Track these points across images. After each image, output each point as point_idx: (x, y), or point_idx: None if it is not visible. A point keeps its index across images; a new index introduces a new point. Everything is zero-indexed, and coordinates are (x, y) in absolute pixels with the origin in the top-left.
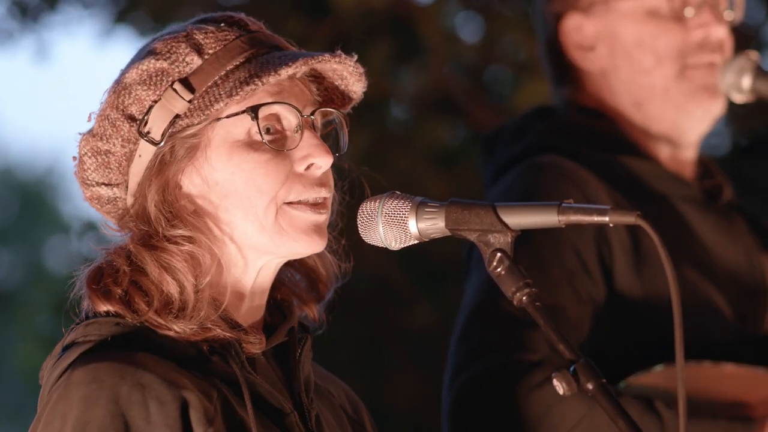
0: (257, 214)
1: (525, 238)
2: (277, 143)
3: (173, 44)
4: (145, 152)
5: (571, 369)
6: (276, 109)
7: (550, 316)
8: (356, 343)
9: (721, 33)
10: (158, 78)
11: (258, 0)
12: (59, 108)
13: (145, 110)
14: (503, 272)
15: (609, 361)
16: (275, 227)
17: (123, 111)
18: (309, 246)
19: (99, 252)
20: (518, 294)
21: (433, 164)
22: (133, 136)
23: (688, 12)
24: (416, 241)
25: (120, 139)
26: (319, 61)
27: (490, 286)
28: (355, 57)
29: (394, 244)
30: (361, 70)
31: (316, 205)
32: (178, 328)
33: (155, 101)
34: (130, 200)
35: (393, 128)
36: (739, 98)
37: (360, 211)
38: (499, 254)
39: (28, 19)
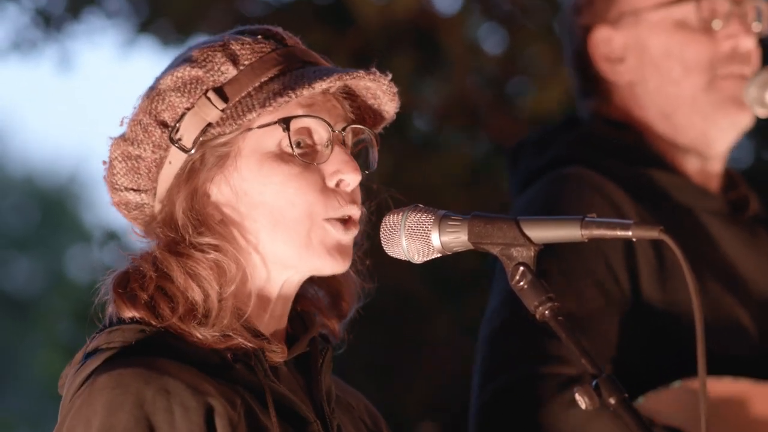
0: (287, 227)
1: (554, 246)
2: (307, 157)
3: (209, 53)
4: (176, 159)
5: (594, 384)
6: (307, 122)
7: (573, 330)
8: (375, 354)
9: (749, 44)
10: (192, 86)
11: (281, 11)
12: (81, 117)
13: (177, 117)
14: (526, 286)
15: (629, 372)
16: (305, 242)
17: (156, 117)
18: (333, 266)
19: (125, 258)
20: (541, 308)
21: (455, 176)
22: (164, 142)
23: (716, 24)
24: (439, 255)
25: (151, 145)
26: (353, 77)
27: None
28: (390, 76)
29: (417, 258)
30: (395, 89)
31: (346, 222)
32: (200, 335)
33: (188, 108)
34: (157, 207)
35: (415, 140)
36: (762, 112)
37: (383, 224)
38: (521, 268)
39: (52, 29)
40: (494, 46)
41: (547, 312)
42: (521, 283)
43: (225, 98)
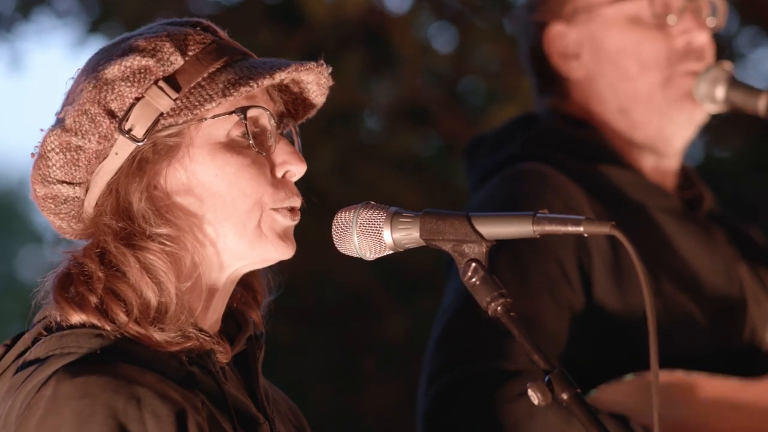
0: (239, 217)
1: (506, 245)
2: (260, 147)
3: (158, 42)
4: (123, 150)
5: (546, 379)
6: (256, 113)
7: (525, 326)
8: (329, 354)
9: (703, 39)
10: (142, 75)
11: (230, 10)
12: (32, 118)
13: (125, 107)
14: (478, 282)
15: (583, 369)
16: (256, 231)
17: (104, 107)
18: (284, 251)
19: (64, 256)
20: (493, 304)
21: (406, 174)
22: (111, 132)
23: (671, 19)
24: (391, 252)
25: (97, 135)
26: (306, 69)
27: (468, 295)
28: (330, 69)
29: (369, 255)
30: (331, 82)
31: (292, 211)
32: (159, 336)
33: (137, 99)
34: (92, 199)
35: (365, 139)
36: (712, 108)
37: (334, 221)
38: (473, 264)
39: (2, 29)
40: (444, 45)
41: (499, 308)
42: (473, 280)
43: (177, 88)
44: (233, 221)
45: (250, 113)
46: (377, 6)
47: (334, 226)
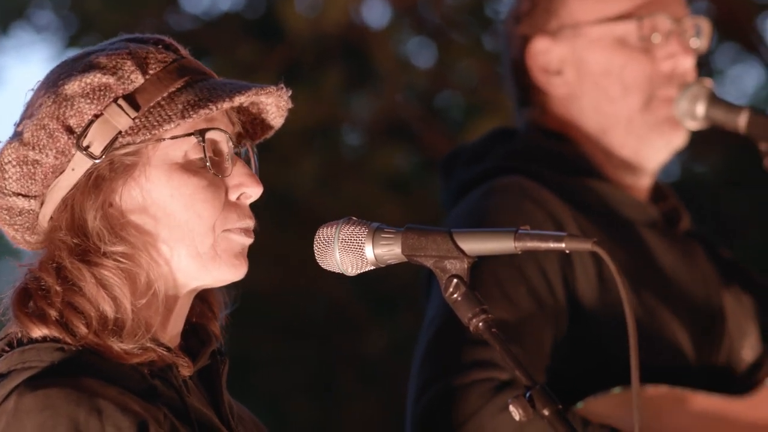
0: (193, 239)
1: (492, 257)
2: (217, 169)
3: (119, 60)
4: (80, 166)
5: (527, 395)
6: (214, 135)
7: (507, 341)
8: (309, 368)
9: (688, 64)
10: (102, 92)
11: (210, 24)
12: (10, 132)
13: (84, 124)
14: (459, 298)
15: (567, 383)
16: (210, 253)
17: (63, 122)
18: (238, 272)
19: (21, 270)
20: (474, 320)
21: (386, 190)
22: (68, 148)
23: (656, 38)
24: (372, 267)
25: (54, 151)
26: (266, 93)
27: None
28: (290, 92)
29: (351, 270)
30: (290, 105)
31: (246, 231)
32: (118, 348)
33: (96, 116)
34: (47, 214)
35: (345, 154)
36: (692, 125)
37: (316, 237)
38: (455, 281)
39: None
40: (424, 60)
41: (480, 324)
42: (455, 296)
43: (136, 107)
44: (187, 242)
45: (209, 135)
46: (357, 21)
47: (315, 242)
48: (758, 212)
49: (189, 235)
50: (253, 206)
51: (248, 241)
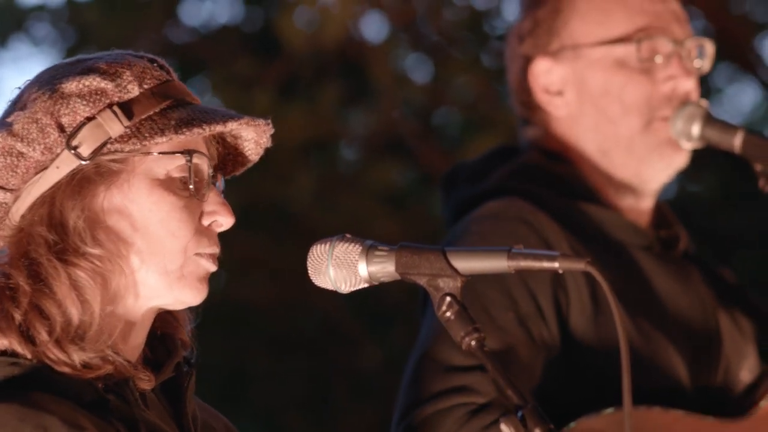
0: (164, 256)
1: (481, 278)
2: (197, 192)
3: (118, 68)
4: (66, 165)
5: (519, 414)
6: (199, 159)
7: (499, 361)
8: (304, 383)
9: (688, 86)
10: (98, 96)
11: (208, 38)
12: None
13: (75, 124)
14: (452, 317)
15: (561, 406)
16: (177, 273)
17: (56, 119)
18: (199, 296)
19: None
20: (467, 339)
21: (383, 205)
22: (56, 145)
23: (657, 59)
24: (366, 285)
25: (42, 146)
26: (255, 124)
27: (441, 329)
28: (273, 130)
29: (344, 288)
30: (269, 144)
31: (214, 257)
32: (78, 357)
33: (88, 118)
34: (21, 209)
35: (342, 169)
36: (688, 145)
37: (310, 253)
38: (448, 299)
39: None
40: (422, 75)
41: (473, 342)
42: (448, 314)
43: (130, 116)
44: (158, 259)
45: (195, 158)
46: (355, 36)
47: (309, 259)
48: (753, 231)
49: (161, 252)
50: (251, 220)
51: (213, 268)
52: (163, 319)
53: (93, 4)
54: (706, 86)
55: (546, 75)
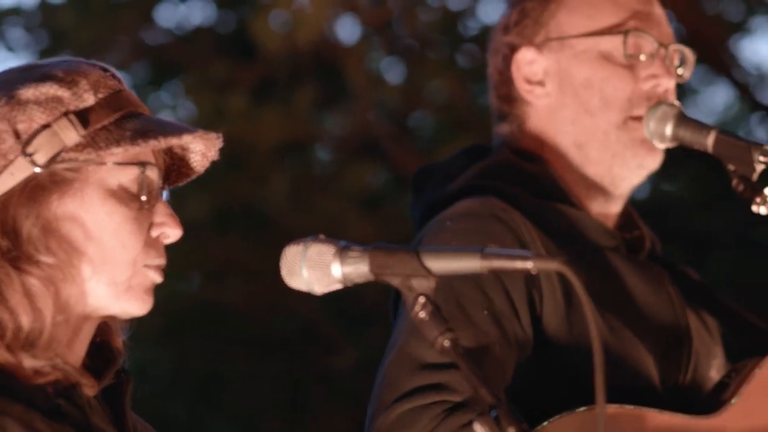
0: (114, 267)
1: (456, 277)
2: (148, 204)
3: (75, 77)
4: (20, 172)
5: (494, 415)
6: (152, 170)
7: (473, 359)
8: (280, 385)
9: (669, 86)
10: (54, 104)
11: (182, 39)
12: None
13: (31, 131)
14: (426, 317)
15: (535, 404)
16: (125, 284)
17: (13, 125)
18: (145, 307)
19: None
20: (440, 338)
21: (358, 207)
22: (11, 152)
23: (642, 56)
24: (340, 286)
25: None
26: (208, 138)
27: (414, 327)
28: (222, 144)
29: (318, 289)
30: (216, 158)
31: (160, 269)
32: (28, 364)
33: (44, 126)
34: None
35: (317, 171)
36: (662, 145)
37: (283, 254)
38: (422, 299)
39: None
40: (396, 77)
41: (446, 342)
42: (421, 314)
43: (86, 124)
44: (108, 269)
45: (147, 169)
46: (330, 38)
47: (282, 260)
48: (728, 232)
49: (111, 262)
50: (226, 222)
51: (159, 279)
52: (100, 327)
53: (67, 7)
54: (682, 87)
55: (529, 65)
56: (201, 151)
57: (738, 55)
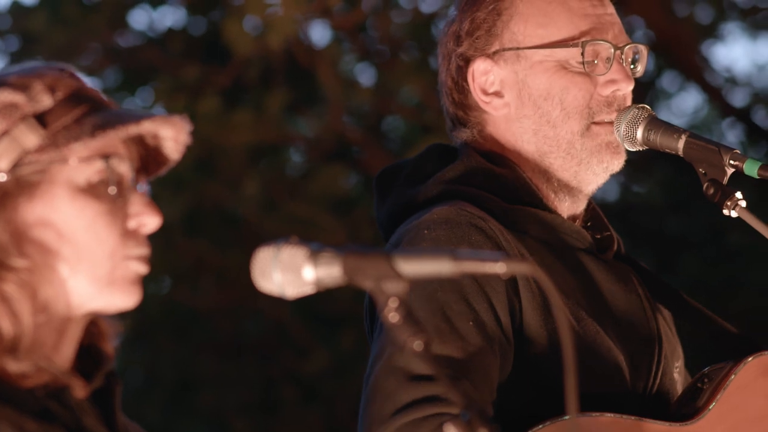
0: (93, 263)
1: (440, 287)
2: (118, 195)
3: (27, 81)
4: None
5: (465, 417)
6: (117, 162)
7: (444, 364)
8: (251, 388)
9: (628, 90)
10: (9, 110)
11: (154, 42)
12: None
13: None
14: (398, 320)
15: (516, 412)
16: (108, 278)
17: None
18: (132, 299)
19: None
20: (410, 341)
21: (330, 210)
22: None
23: (599, 62)
24: (312, 289)
25: None
26: (170, 122)
27: (393, 344)
28: (192, 127)
29: (290, 292)
30: (189, 141)
31: (143, 259)
32: (13, 368)
33: (2, 133)
34: None
35: (290, 174)
36: (632, 149)
37: (255, 257)
38: (393, 302)
39: None
40: (368, 81)
41: (417, 344)
42: (393, 317)
43: (44, 126)
44: (86, 265)
45: (113, 161)
46: (303, 41)
47: (254, 263)
48: (698, 234)
49: (89, 258)
50: (197, 225)
51: (144, 269)
52: (89, 331)
53: (38, 11)
54: (654, 90)
55: (485, 76)
56: (172, 137)
57: (709, 59)
